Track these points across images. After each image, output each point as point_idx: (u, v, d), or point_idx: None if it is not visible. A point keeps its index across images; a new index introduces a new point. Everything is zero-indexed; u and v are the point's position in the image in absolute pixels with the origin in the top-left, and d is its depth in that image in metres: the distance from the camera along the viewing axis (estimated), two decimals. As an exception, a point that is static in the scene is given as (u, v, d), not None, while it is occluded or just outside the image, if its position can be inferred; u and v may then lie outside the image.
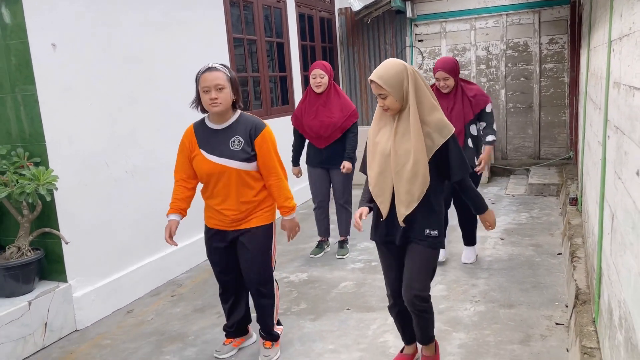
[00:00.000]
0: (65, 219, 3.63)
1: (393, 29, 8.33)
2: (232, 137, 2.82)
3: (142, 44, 4.32)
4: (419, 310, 2.60)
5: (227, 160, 2.80)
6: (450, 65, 4.01)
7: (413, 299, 2.55)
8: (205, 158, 2.82)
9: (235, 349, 3.23)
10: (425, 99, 2.44)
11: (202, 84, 2.73)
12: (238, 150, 2.80)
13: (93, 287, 3.82)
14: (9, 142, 3.58)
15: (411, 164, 2.42)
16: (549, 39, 7.60)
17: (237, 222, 2.91)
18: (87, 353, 3.38)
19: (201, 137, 2.87)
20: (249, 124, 2.85)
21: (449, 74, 4.00)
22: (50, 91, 3.53)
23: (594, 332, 2.67)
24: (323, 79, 4.51)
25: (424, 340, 2.76)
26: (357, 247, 5.02)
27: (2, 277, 3.39)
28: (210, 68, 2.75)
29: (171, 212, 2.96)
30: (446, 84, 4.03)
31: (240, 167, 2.81)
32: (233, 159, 2.80)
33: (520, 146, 8.04)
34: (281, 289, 4.18)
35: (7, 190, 3.28)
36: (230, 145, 2.81)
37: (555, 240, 4.87)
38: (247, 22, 6.05)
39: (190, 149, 2.89)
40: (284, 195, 2.94)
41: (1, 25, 3.43)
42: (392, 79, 2.38)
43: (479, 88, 4.17)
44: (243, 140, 2.82)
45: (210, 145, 2.83)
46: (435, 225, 2.56)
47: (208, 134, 2.86)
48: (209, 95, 2.72)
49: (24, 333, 3.33)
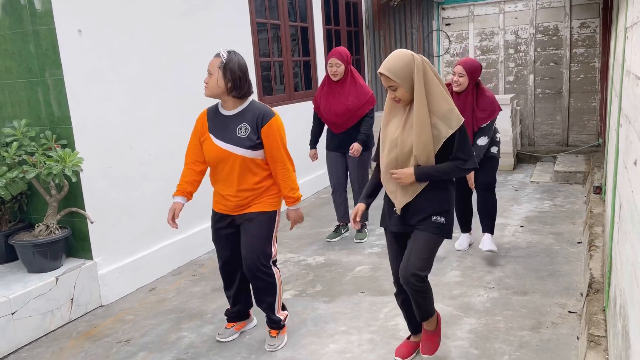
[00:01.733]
0: (91, 200, 3.78)
1: (420, 12, 8.24)
2: (240, 124, 2.87)
3: (165, 29, 4.41)
4: (414, 289, 2.55)
5: (232, 147, 2.85)
6: (470, 66, 3.92)
7: (409, 277, 2.52)
8: (213, 143, 2.89)
9: (237, 333, 3.29)
10: (435, 88, 2.43)
11: None
12: (244, 138, 2.85)
13: (117, 265, 3.98)
14: (38, 124, 3.73)
15: (414, 154, 2.46)
16: (580, 23, 7.41)
17: (240, 207, 2.96)
18: (110, 327, 3.54)
19: (212, 122, 2.93)
20: (257, 112, 2.89)
21: (466, 72, 3.91)
22: (77, 76, 3.66)
23: (603, 321, 2.67)
24: (339, 67, 4.53)
25: (423, 317, 2.71)
26: (375, 232, 5.06)
27: (32, 254, 3.57)
28: (216, 55, 2.86)
29: (177, 194, 3.01)
30: (459, 81, 3.94)
31: (245, 154, 2.85)
32: (238, 145, 2.84)
33: (548, 133, 7.90)
34: (298, 271, 4.27)
35: (35, 170, 3.43)
36: (237, 132, 2.86)
37: (577, 229, 4.82)
38: (270, 7, 6.08)
39: (201, 132, 2.96)
40: (289, 185, 2.97)
41: (30, 11, 3.56)
42: (401, 70, 2.39)
43: (493, 99, 3.99)
44: (250, 128, 2.86)
45: (219, 130, 2.89)
46: (444, 213, 2.56)
47: (219, 120, 2.92)
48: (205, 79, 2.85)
49: (51, 307, 3.51)
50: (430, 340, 2.78)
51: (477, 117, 3.95)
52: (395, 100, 2.50)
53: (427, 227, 2.56)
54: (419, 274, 2.52)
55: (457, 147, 2.48)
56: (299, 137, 6.42)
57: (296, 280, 4.10)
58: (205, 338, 3.31)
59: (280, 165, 2.93)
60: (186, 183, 3.02)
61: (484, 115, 3.96)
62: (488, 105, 3.96)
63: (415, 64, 2.40)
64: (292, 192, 2.99)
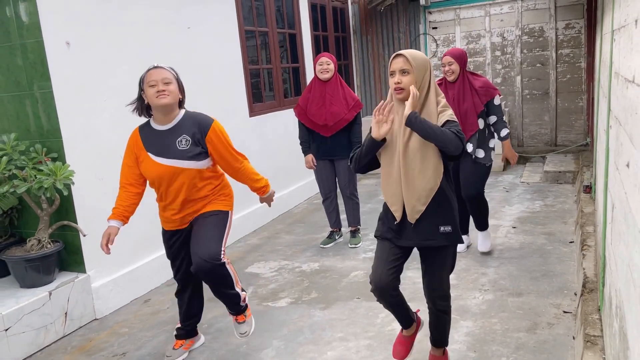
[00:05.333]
0: (82, 212, 3.75)
1: (407, 17, 8.29)
2: (179, 137, 2.76)
3: (154, 40, 4.40)
4: (439, 310, 2.59)
5: (176, 161, 2.75)
6: (457, 53, 4.08)
7: (436, 300, 2.57)
8: (154, 161, 2.76)
9: (186, 352, 3.21)
10: (440, 92, 2.49)
11: (148, 79, 2.71)
12: (185, 150, 2.75)
13: (111, 278, 3.95)
14: (28, 138, 3.70)
15: (421, 155, 2.38)
16: (565, 24, 7.49)
17: (190, 216, 2.93)
18: (105, 341, 3.51)
19: (147, 139, 2.80)
20: (195, 121, 2.80)
21: (454, 59, 4.05)
22: (66, 88, 3.64)
23: (599, 321, 2.69)
24: (330, 65, 4.58)
25: (438, 343, 2.72)
26: (369, 236, 5.07)
27: (24, 269, 3.53)
28: (156, 67, 2.74)
29: (113, 217, 2.85)
30: (451, 69, 4.06)
31: (190, 166, 2.77)
32: (182, 158, 2.75)
33: (536, 133, 7.97)
34: (293, 279, 4.27)
35: (26, 185, 3.40)
36: (177, 145, 2.75)
37: (569, 229, 4.86)
38: (258, 14, 6.09)
39: (136, 152, 2.82)
40: (251, 177, 2.96)
41: (17, 24, 3.54)
42: (420, 61, 2.40)
43: (487, 80, 4.18)
44: (190, 139, 2.76)
45: (156, 147, 2.77)
46: (450, 221, 2.48)
47: (154, 136, 2.79)
48: (156, 88, 2.68)
49: (45, 322, 3.48)
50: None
51: (480, 94, 4.07)
52: (396, 90, 2.40)
53: (436, 239, 2.48)
54: (445, 294, 2.58)
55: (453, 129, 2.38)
56: (289, 144, 6.43)
57: (291, 288, 4.09)
58: (202, 349, 3.29)
59: (236, 165, 2.91)
60: (122, 207, 2.86)
61: (483, 91, 4.08)
62: (484, 84, 4.11)
63: (431, 67, 2.45)
64: (256, 183, 2.98)
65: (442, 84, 4.16)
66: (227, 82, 5.43)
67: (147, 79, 2.72)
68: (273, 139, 6.11)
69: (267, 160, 5.80)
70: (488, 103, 4.08)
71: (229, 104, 5.41)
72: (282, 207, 6.22)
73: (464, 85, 4.07)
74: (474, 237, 4.61)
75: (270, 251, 5.01)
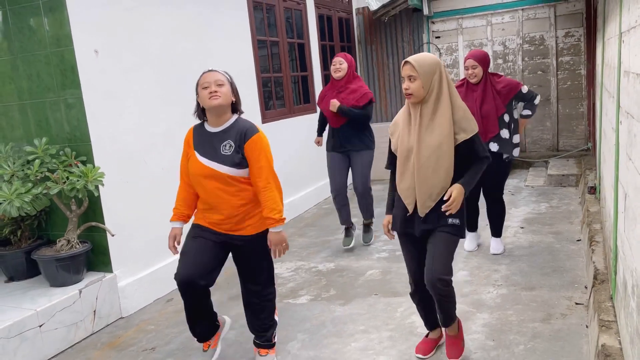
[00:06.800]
0: (109, 214, 3.89)
1: (410, 26, 8.50)
2: (225, 142, 2.79)
3: (174, 48, 4.58)
4: (440, 294, 2.68)
5: (216, 164, 2.76)
6: (480, 55, 4.18)
7: (436, 283, 2.64)
8: (197, 160, 2.81)
9: (218, 346, 3.22)
10: (453, 92, 2.63)
11: (202, 82, 2.75)
12: (228, 155, 2.76)
13: (135, 277, 4.08)
14: (57, 142, 3.85)
15: (436, 156, 2.58)
16: (565, 32, 7.70)
17: (229, 227, 2.88)
18: (133, 337, 3.63)
19: (198, 138, 2.87)
20: (242, 129, 2.81)
21: (478, 63, 4.15)
22: (94, 94, 3.80)
23: (612, 307, 2.84)
24: (342, 64, 4.74)
25: (446, 322, 2.85)
26: (381, 237, 5.21)
27: (55, 268, 3.66)
28: (210, 70, 2.81)
29: (175, 219, 2.93)
30: (474, 72, 4.16)
31: (228, 172, 2.76)
32: (223, 163, 2.76)
33: (538, 139, 8.15)
34: (310, 278, 4.40)
35: (58, 186, 3.55)
36: (221, 149, 2.77)
37: (575, 228, 5.01)
38: (269, 25, 6.28)
39: (187, 150, 2.90)
40: (270, 206, 2.78)
41: (50, 34, 3.70)
42: (426, 65, 2.56)
43: (509, 80, 4.25)
44: (234, 145, 2.77)
45: (204, 148, 2.81)
46: (458, 215, 2.69)
47: (205, 137, 2.85)
48: (209, 90, 2.72)
49: (76, 319, 3.60)
50: (455, 344, 2.91)
51: (502, 95, 4.17)
52: (406, 94, 2.60)
53: (444, 229, 2.68)
54: (445, 279, 2.65)
55: (480, 150, 2.66)
56: (299, 150, 6.61)
57: (310, 286, 4.22)
58: (230, 342, 3.41)
59: (263, 181, 2.78)
60: (182, 205, 2.95)
61: (505, 91, 4.18)
62: (506, 84, 4.20)
63: (441, 67, 2.59)
64: (272, 213, 2.78)
65: (464, 84, 4.27)
66: (241, 90, 5.47)
67: (201, 82, 2.76)
68: (284, 145, 6.26)
69: (278, 166, 5.91)
70: (516, 96, 4.21)
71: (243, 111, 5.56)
72: (293, 211, 6.36)
73: (485, 88, 4.17)
74: (484, 236, 4.75)
75: (285, 253, 5.12)
